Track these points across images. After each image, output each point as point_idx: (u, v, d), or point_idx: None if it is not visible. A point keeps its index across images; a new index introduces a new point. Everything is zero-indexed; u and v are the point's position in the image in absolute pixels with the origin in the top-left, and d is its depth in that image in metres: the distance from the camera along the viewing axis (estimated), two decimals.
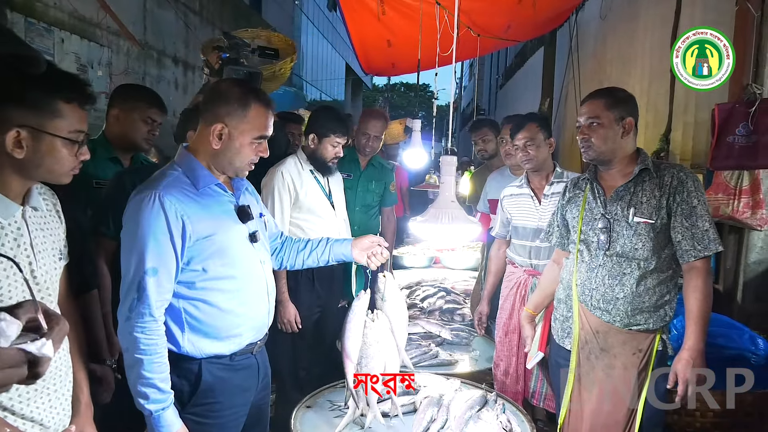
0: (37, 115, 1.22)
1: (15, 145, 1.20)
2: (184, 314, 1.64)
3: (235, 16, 10.29)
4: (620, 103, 2.00)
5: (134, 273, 1.54)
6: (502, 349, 2.81)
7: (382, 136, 3.38)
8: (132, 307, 1.54)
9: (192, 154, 1.67)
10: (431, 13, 4.33)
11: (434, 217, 1.77)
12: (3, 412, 1.23)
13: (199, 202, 1.62)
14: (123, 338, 1.57)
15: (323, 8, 19.28)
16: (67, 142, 1.27)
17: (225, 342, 1.70)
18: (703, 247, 1.90)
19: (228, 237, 1.67)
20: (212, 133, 1.62)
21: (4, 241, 1.23)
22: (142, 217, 1.54)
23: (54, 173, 1.30)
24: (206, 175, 1.65)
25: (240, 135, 1.64)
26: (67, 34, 5.28)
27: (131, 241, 1.55)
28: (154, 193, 1.56)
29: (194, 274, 1.63)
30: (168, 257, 1.57)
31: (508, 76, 13.05)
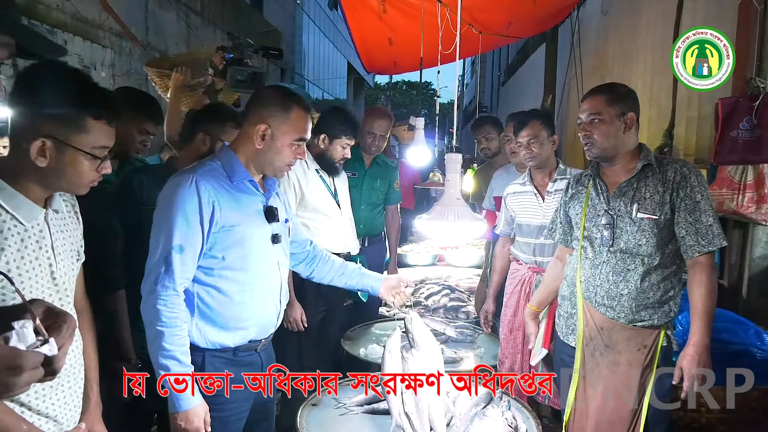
0: (64, 127, 1.24)
1: (39, 154, 1.22)
2: (196, 299, 1.70)
3: (236, 15, 10.29)
4: (621, 99, 2.00)
5: (162, 248, 1.63)
6: (506, 346, 2.81)
7: (387, 135, 3.39)
8: (157, 280, 1.62)
9: (233, 152, 1.77)
10: (433, 11, 4.33)
11: (440, 214, 1.78)
12: (20, 408, 1.26)
13: (231, 194, 1.72)
14: (147, 311, 1.64)
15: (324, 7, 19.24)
16: (89, 156, 1.28)
17: (230, 333, 1.75)
18: (707, 242, 1.89)
19: (251, 232, 1.75)
20: (256, 132, 1.73)
21: (28, 243, 1.26)
22: (177, 196, 1.64)
23: (73, 185, 1.32)
24: (242, 171, 1.75)
25: (282, 135, 1.75)
26: (70, 36, 5.30)
27: (163, 217, 1.65)
28: (191, 176, 1.67)
29: (213, 261, 1.70)
30: (195, 238, 1.65)
31: (510, 73, 13.03)
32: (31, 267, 1.26)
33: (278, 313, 1.88)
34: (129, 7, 6.31)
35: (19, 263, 1.23)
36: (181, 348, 1.63)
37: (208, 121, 2.32)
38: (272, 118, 1.73)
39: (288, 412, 2.74)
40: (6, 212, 1.22)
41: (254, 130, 1.73)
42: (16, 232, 1.24)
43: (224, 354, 1.74)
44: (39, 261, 1.28)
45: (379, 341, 2.84)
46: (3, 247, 1.20)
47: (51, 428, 1.33)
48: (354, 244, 3.09)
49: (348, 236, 3.00)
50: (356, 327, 3.10)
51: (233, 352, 1.75)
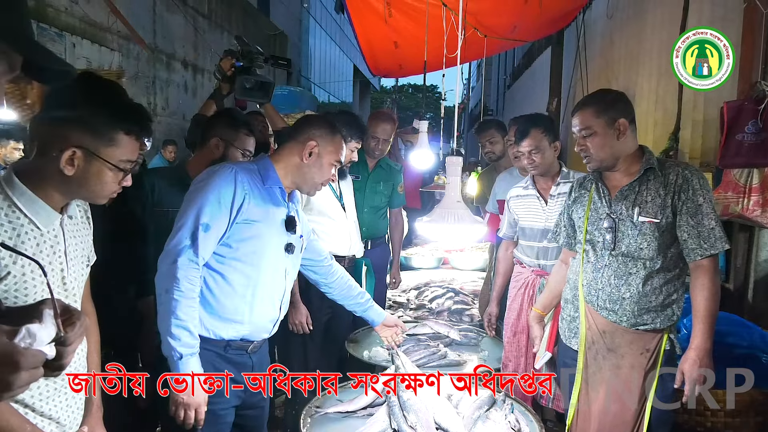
0: (96, 139, 1.26)
1: (68, 163, 1.24)
2: (201, 282, 1.73)
3: (243, 19, 10.36)
4: (609, 108, 1.98)
5: (192, 222, 1.69)
6: (510, 349, 2.81)
7: (390, 139, 3.39)
8: (182, 251, 1.67)
9: (272, 162, 1.87)
10: (438, 15, 4.35)
11: (440, 216, 1.79)
12: (24, 409, 1.27)
13: (261, 193, 1.81)
14: (165, 280, 1.68)
15: (330, 10, 19.36)
16: (115, 169, 1.31)
17: (225, 324, 1.78)
18: (709, 246, 1.89)
19: (269, 232, 1.82)
20: (306, 147, 1.86)
21: (43, 248, 1.28)
22: (215, 179, 1.73)
23: (94, 195, 1.34)
24: (276, 178, 1.85)
25: (327, 154, 1.90)
26: (78, 39, 5.35)
27: (197, 195, 1.72)
28: (232, 167, 1.78)
29: (227, 249, 1.76)
30: (222, 221, 1.72)
31: (515, 76, 13.02)
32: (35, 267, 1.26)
33: (275, 320, 1.90)
34: (137, 10, 6.36)
35: (34, 267, 1.24)
36: (194, 321, 1.68)
37: (223, 127, 2.35)
38: (321, 138, 1.87)
39: (291, 414, 2.75)
40: (25, 216, 1.24)
41: (304, 145, 1.86)
42: (33, 236, 1.25)
43: (216, 347, 1.77)
44: (52, 266, 1.30)
45: (383, 344, 2.84)
46: (20, 250, 1.21)
47: (54, 431, 1.34)
48: (359, 247, 3.10)
49: (353, 239, 3.01)
50: (360, 330, 3.11)
51: (224, 347, 1.79)
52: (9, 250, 1.19)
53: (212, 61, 8.57)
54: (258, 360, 1.92)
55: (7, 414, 1.19)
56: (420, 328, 3.04)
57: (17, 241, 1.22)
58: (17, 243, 1.22)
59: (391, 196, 3.51)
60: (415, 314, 3.75)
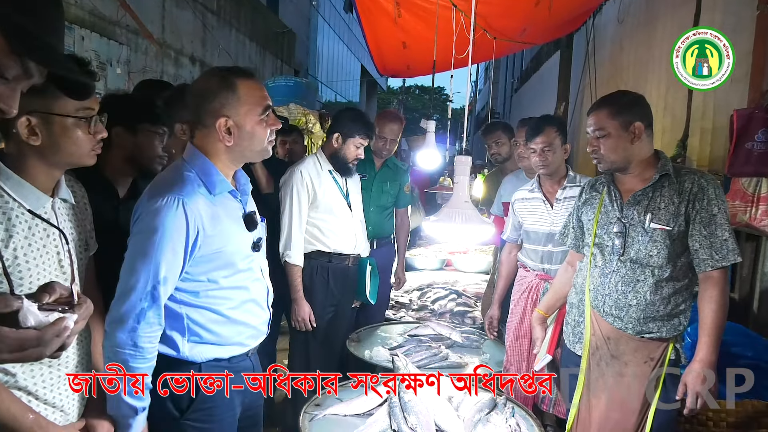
0: (42, 98, 1.24)
1: (30, 133, 1.24)
2: (186, 320, 1.60)
3: (252, 16, 10.37)
4: (625, 110, 1.95)
5: (149, 281, 1.47)
6: (512, 353, 2.79)
7: (398, 138, 3.39)
8: (141, 314, 1.47)
9: (204, 155, 1.59)
10: (447, 16, 4.34)
11: (448, 216, 1.77)
12: (27, 397, 1.27)
13: (212, 209, 1.56)
14: (122, 348, 1.45)
15: (339, 10, 19.38)
16: (78, 121, 1.30)
17: (226, 348, 1.69)
18: (721, 257, 1.85)
19: (234, 249, 1.63)
20: (219, 131, 1.55)
21: (35, 231, 1.27)
22: (165, 223, 1.47)
23: (74, 155, 1.32)
24: (222, 181, 1.59)
25: (245, 117, 1.56)
26: (87, 32, 5.36)
27: (148, 246, 1.47)
28: (177, 198, 1.49)
29: (199, 284, 1.60)
30: (177, 268, 1.52)
31: (523, 79, 12.99)
32: (39, 255, 1.27)
33: (268, 321, 1.82)
34: (146, 5, 6.37)
35: (27, 251, 1.24)
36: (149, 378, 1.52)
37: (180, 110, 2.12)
38: (225, 107, 1.53)
39: (292, 412, 2.74)
40: (14, 200, 1.24)
41: (215, 128, 1.54)
42: (24, 220, 1.25)
43: (219, 364, 1.68)
44: (47, 249, 1.30)
45: (384, 344, 2.84)
46: (11, 234, 1.22)
47: (58, 419, 1.34)
48: (364, 246, 3.09)
49: (358, 238, 3.01)
50: (362, 329, 3.10)
51: (228, 360, 1.70)
52: (33, 215, 1.22)
53: (220, 57, 8.58)
54: (255, 360, 1.85)
55: (8, 401, 1.19)
56: (422, 329, 3.03)
57: (8, 225, 1.21)
58: (8, 227, 1.21)
59: (398, 196, 3.50)
60: (417, 315, 3.75)
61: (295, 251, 2.79)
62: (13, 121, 1.22)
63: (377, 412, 2.03)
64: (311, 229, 2.87)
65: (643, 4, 5.03)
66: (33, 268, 1.25)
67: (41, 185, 1.29)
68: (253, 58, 10.34)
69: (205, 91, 1.57)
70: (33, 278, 1.25)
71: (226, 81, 1.55)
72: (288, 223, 2.80)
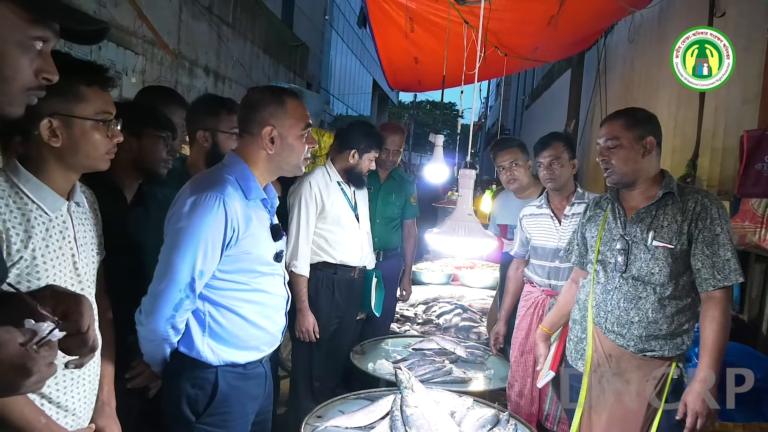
0: (64, 101, 1.29)
1: (51, 135, 1.28)
2: (208, 318, 1.67)
3: (266, 29, 10.50)
4: (640, 123, 1.97)
5: (188, 273, 1.57)
6: (517, 369, 2.78)
7: (401, 149, 3.42)
8: (179, 306, 1.59)
9: (245, 162, 1.70)
10: (459, 31, 4.37)
11: (451, 229, 1.78)
12: (41, 400, 1.28)
13: (246, 213, 1.66)
14: (162, 333, 1.61)
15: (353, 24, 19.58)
16: (97, 124, 1.34)
17: (243, 351, 1.73)
18: (723, 277, 1.85)
19: (260, 253, 1.72)
20: (264, 139, 1.67)
21: (52, 233, 1.30)
22: (205, 217, 1.57)
23: (92, 158, 1.36)
24: (257, 188, 1.69)
25: (289, 130, 1.70)
26: (104, 42, 5.45)
27: (188, 239, 1.57)
28: (218, 196, 1.59)
29: (226, 283, 1.67)
30: (213, 263, 1.62)
31: (534, 96, 13.03)
32: (55, 256, 1.30)
33: (283, 328, 1.87)
34: (163, 16, 6.48)
35: (44, 251, 1.27)
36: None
37: (201, 118, 2.26)
38: (273, 118, 1.68)
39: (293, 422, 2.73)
40: (32, 202, 1.27)
41: (260, 137, 1.67)
42: (42, 221, 1.28)
43: (236, 369, 1.72)
44: (62, 251, 1.32)
45: (388, 357, 2.83)
46: (30, 235, 1.25)
47: (69, 423, 1.34)
48: (370, 258, 3.10)
49: (365, 250, 3.02)
50: (367, 341, 3.09)
51: (243, 366, 1.74)
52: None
53: (234, 69, 8.68)
54: (267, 366, 1.88)
55: (22, 404, 1.20)
56: (426, 343, 3.02)
57: (27, 226, 1.24)
58: (27, 228, 1.24)
59: (404, 208, 3.51)
60: (422, 329, 3.73)
61: (301, 261, 2.80)
62: (35, 122, 1.26)
63: (379, 426, 2.03)
64: (318, 240, 2.89)
65: (655, 25, 5.05)
66: (50, 269, 1.28)
67: (58, 188, 1.33)
68: (266, 70, 10.45)
69: (257, 102, 1.70)
70: (50, 280, 1.28)
71: (278, 96, 1.71)
72: (296, 233, 2.82)
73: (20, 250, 1.22)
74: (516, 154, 3.05)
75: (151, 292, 1.61)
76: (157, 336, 1.62)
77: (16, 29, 0.90)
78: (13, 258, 1.21)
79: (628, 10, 4.30)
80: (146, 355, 1.70)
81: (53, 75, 0.97)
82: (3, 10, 0.88)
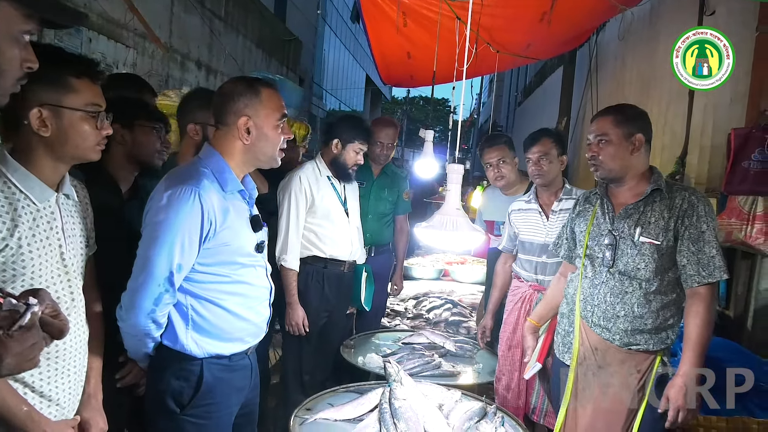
0: (54, 91, 1.30)
1: (40, 124, 1.29)
2: (191, 311, 1.66)
3: (259, 23, 10.45)
4: (629, 120, 1.99)
5: (165, 266, 1.57)
6: (504, 363, 2.80)
7: (394, 143, 3.42)
8: (158, 300, 1.58)
9: (220, 155, 1.69)
10: (451, 27, 4.37)
11: (438, 223, 1.79)
12: (24, 389, 1.28)
13: (223, 205, 1.65)
14: (142, 327, 1.60)
15: (346, 19, 19.53)
16: (86, 115, 1.35)
17: (227, 343, 1.73)
18: (707, 274, 1.87)
19: (240, 245, 1.71)
20: (239, 129, 1.66)
21: (39, 223, 1.31)
22: (181, 211, 1.56)
23: (80, 148, 1.37)
24: (234, 179, 1.68)
25: (265, 121, 1.68)
26: (95, 35, 5.41)
27: (165, 233, 1.56)
28: (193, 189, 1.58)
29: (205, 276, 1.66)
30: (191, 256, 1.61)
31: (527, 93, 13.07)
32: (42, 246, 1.30)
33: (268, 319, 1.87)
34: (154, 9, 6.43)
35: (31, 241, 1.28)
36: None
37: (192, 111, 2.27)
38: (248, 108, 1.66)
39: (283, 415, 2.75)
40: (20, 192, 1.28)
41: (235, 127, 1.66)
42: (29, 211, 1.29)
43: (221, 361, 1.72)
44: (49, 241, 1.33)
45: (378, 351, 2.85)
46: (17, 224, 1.25)
47: (53, 413, 1.35)
48: (360, 253, 3.10)
49: (354, 244, 3.02)
50: (357, 336, 3.11)
51: (229, 358, 1.74)
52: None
53: (226, 63, 8.64)
54: (253, 359, 1.89)
55: (4, 392, 1.20)
56: (416, 337, 3.04)
57: (14, 215, 1.25)
58: (14, 217, 1.25)
59: (397, 203, 3.52)
60: (412, 323, 3.76)
61: (291, 256, 2.81)
62: (25, 112, 1.27)
63: (367, 418, 2.04)
64: (308, 234, 2.89)
65: (646, 22, 5.08)
66: (36, 258, 1.28)
67: (47, 179, 1.33)
68: (258, 64, 10.41)
69: (231, 92, 1.68)
70: (35, 270, 1.28)
71: (252, 86, 1.69)
72: (285, 227, 2.82)
73: (6, 239, 1.22)
74: (503, 151, 3.08)
75: (130, 287, 1.59)
76: (138, 331, 1.61)
77: (13, 26, 0.93)
78: None
79: (619, 8, 4.31)
80: (129, 350, 1.70)
81: (35, 63, 1.00)
82: (4, 8, 0.91)
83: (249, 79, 1.74)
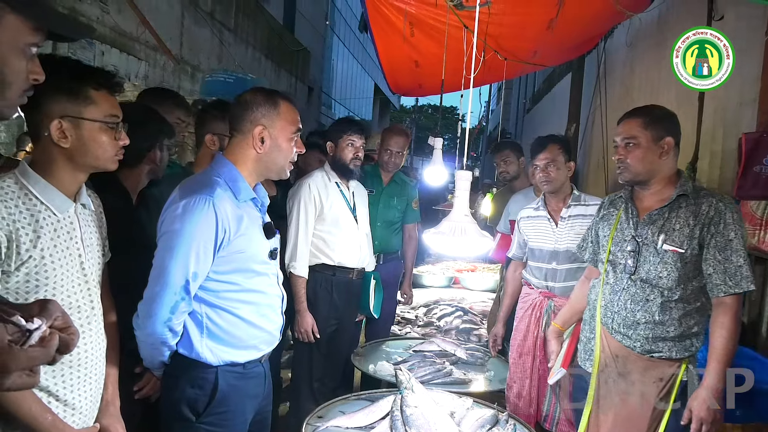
0: (74, 103, 1.34)
1: (60, 136, 1.32)
2: (205, 319, 1.68)
3: (268, 35, 10.55)
4: (658, 122, 1.92)
5: (181, 275, 1.59)
6: (515, 370, 2.79)
7: (404, 151, 3.44)
8: (175, 308, 1.60)
9: (232, 164, 1.71)
10: (459, 36, 4.39)
11: (447, 229, 1.80)
12: (48, 397, 1.30)
13: (237, 215, 1.67)
14: (159, 336, 1.62)
15: (354, 29, 19.65)
16: (105, 126, 1.39)
17: (241, 351, 1.74)
18: (734, 284, 1.82)
19: (254, 252, 1.73)
20: (254, 138, 1.69)
21: (60, 233, 1.34)
22: (196, 220, 1.59)
23: (100, 159, 1.40)
24: (246, 188, 1.71)
25: (280, 132, 1.72)
26: (108, 48, 5.49)
27: (181, 243, 1.59)
28: (208, 199, 1.60)
29: (220, 285, 1.68)
30: (207, 264, 1.63)
31: (535, 100, 13.05)
32: (63, 256, 1.33)
33: (281, 327, 1.89)
34: (165, 22, 6.52)
35: (53, 251, 1.31)
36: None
37: (210, 122, 2.33)
38: (265, 118, 1.70)
39: (294, 423, 2.75)
40: (41, 203, 1.31)
41: (251, 135, 1.69)
42: (50, 222, 1.32)
43: (235, 368, 1.74)
44: (70, 251, 1.36)
45: (389, 359, 2.85)
46: (39, 235, 1.28)
47: (76, 421, 1.36)
48: (369, 260, 3.11)
49: (363, 251, 3.03)
50: (368, 343, 3.11)
51: (243, 365, 1.76)
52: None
53: None
54: (266, 366, 1.90)
55: (30, 401, 1.22)
56: (427, 345, 3.04)
57: (36, 226, 1.28)
58: (36, 228, 1.28)
59: (406, 212, 3.53)
60: (422, 331, 3.75)
61: (300, 263, 2.82)
62: (45, 124, 1.31)
63: (379, 425, 2.04)
64: (316, 241, 2.91)
65: (654, 29, 5.07)
66: (58, 268, 1.31)
67: (66, 189, 1.36)
68: (268, 75, 10.50)
69: (250, 101, 1.72)
70: (57, 280, 1.31)
71: (271, 97, 1.73)
72: (294, 235, 2.84)
73: (29, 250, 1.25)
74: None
75: (147, 296, 1.62)
76: (155, 339, 1.64)
77: (20, 38, 0.96)
78: (22, 257, 1.24)
79: (627, 15, 4.31)
80: (145, 359, 1.72)
81: (41, 75, 1.02)
82: (12, 21, 0.94)
83: (269, 90, 1.77)
